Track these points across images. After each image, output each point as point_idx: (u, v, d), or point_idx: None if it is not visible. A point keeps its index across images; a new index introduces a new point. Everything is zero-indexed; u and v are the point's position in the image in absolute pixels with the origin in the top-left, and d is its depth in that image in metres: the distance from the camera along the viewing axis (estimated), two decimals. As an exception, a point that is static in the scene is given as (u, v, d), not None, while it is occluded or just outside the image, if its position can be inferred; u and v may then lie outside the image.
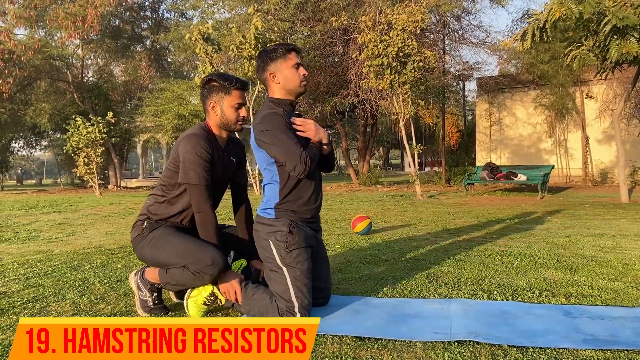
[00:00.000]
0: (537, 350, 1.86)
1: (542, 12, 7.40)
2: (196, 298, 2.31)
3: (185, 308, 2.33)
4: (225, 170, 2.48)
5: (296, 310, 2.16)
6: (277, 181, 2.29)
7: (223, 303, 2.35)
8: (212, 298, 2.31)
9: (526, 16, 14.85)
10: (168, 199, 2.40)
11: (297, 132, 2.26)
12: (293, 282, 2.18)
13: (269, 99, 2.35)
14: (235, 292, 2.27)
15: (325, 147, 2.34)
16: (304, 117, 2.37)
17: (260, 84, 12.00)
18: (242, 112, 2.41)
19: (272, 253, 2.24)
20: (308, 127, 2.27)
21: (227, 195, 2.69)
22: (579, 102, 15.29)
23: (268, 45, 11.69)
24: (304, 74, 2.33)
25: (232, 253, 2.53)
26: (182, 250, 2.24)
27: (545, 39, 7.51)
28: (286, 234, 2.22)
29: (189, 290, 2.33)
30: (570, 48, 7.79)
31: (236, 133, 2.63)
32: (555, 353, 1.83)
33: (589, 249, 3.89)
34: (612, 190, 11.74)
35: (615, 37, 7.14)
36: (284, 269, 2.21)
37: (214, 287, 2.30)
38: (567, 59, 7.79)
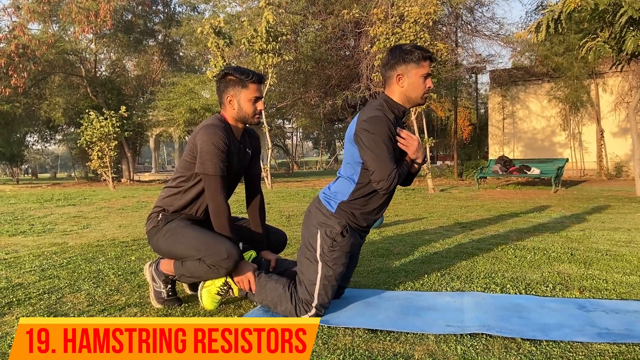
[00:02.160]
0: (550, 343, 1.85)
1: (556, 4, 7.31)
2: (210, 288, 2.33)
3: (199, 298, 2.35)
4: (241, 162, 2.48)
5: (313, 305, 2.16)
6: (354, 181, 2.21)
7: (236, 294, 2.37)
8: (225, 288, 2.33)
9: (541, 7, 14.70)
10: (183, 189, 2.40)
11: (398, 144, 2.17)
12: (322, 280, 2.16)
13: (385, 97, 2.23)
14: (249, 282, 2.28)
15: (415, 165, 2.25)
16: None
17: (271, 77, 12.01)
18: (259, 106, 2.40)
19: (316, 244, 2.20)
20: (411, 144, 2.16)
21: (239, 189, 2.69)
22: (594, 94, 15.09)
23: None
24: (429, 87, 2.20)
25: (240, 244, 2.54)
26: (198, 244, 2.25)
27: (560, 30, 7.42)
28: (337, 234, 2.18)
29: (203, 280, 2.35)
30: (586, 40, 7.70)
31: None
32: (569, 347, 1.82)
33: (604, 243, 3.85)
34: (627, 184, 11.60)
35: (631, 28, 7.03)
36: (320, 264, 2.18)
37: (227, 276, 2.32)
38: (582, 50, 7.70)
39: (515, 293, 2.52)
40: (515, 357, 1.73)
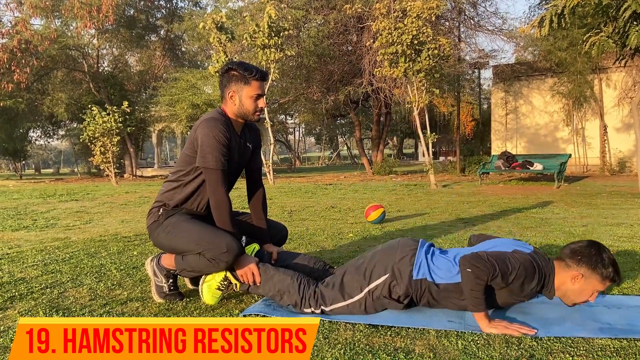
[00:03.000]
0: (552, 338, 1.84)
1: (560, -2, 7.26)
2: (210, 283, 2.33)
3: (200, 293, 2.35)
4: (241, 156, 2.48)
5: (324, 308, 2.16)
6: (454, 279, 2.09)
7: (238, 289, 2.37)
8: (225, 283, 2.33)
9: (544, 2, 14.62)
10: (183, 183, 2.40)
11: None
12: (350, 305, 2.15)
13: (553, 271, 2.09)
14: (253, 273, 2.28)
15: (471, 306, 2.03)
16: None
17: (273, 72, 11.99)
18: (261, 103, 2.38)
19: (376, 280, 2.14)
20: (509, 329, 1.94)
21: (240, 185, 2.69)
22: (597, 90, 15.03)
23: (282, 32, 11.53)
24: (589, 300, 2.08)
25: (244, 238, 2.54)
26: (198, 237, 2.26)
27: (564, 25, 7.38)
28: (396, 294, 2.13)
29: (204, 275, 2.35)
30: (589, 34, 7.64)
31: None
32: (570, 342, 1.81)
33: (606, 238, 3.84)
34: (630, 179, 11.56)
35: (635, 23, 6.99)
36: (361, 295, 2.14)
37: (227, 271, 2.32)
38: (585, 45, 7.64)
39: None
40: (516, 352, 1.73)
